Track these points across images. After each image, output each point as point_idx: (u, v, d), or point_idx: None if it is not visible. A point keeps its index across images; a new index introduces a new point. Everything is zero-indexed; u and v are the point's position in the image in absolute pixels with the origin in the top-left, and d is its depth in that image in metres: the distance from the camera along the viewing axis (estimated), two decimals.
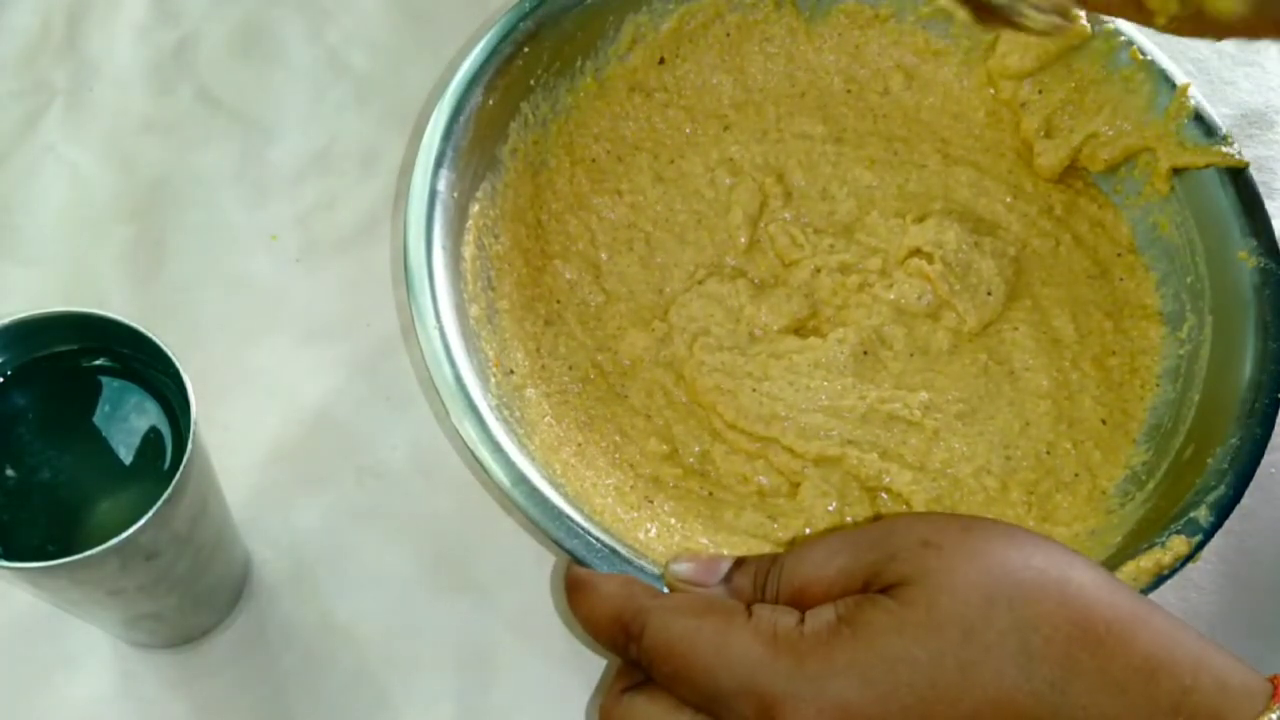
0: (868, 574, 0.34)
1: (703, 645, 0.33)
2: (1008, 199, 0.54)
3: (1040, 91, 0.55)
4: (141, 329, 0.37)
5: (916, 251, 0.51)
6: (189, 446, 0.36)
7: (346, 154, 0.58)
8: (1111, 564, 0.41)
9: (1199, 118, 0.51)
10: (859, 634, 0.32)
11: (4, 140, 0.57)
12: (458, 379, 0.44)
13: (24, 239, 0.55)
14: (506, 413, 0.45)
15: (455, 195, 0.48)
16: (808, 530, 0.46)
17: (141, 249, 0.55)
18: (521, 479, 0.42)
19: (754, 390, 0.49)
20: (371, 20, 0.61)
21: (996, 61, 0.55)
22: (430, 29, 0.61)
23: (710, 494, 0.48)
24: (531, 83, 0.53)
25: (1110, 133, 0.53)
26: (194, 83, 0.59)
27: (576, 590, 0.37)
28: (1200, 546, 0.40)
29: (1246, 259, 0.48)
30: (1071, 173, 0.55)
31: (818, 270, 0.52)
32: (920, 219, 0.52)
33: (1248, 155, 0.50)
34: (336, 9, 0.62)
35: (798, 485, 0.48)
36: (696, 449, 0.49)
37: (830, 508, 0.47)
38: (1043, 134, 0.54)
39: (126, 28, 0.60)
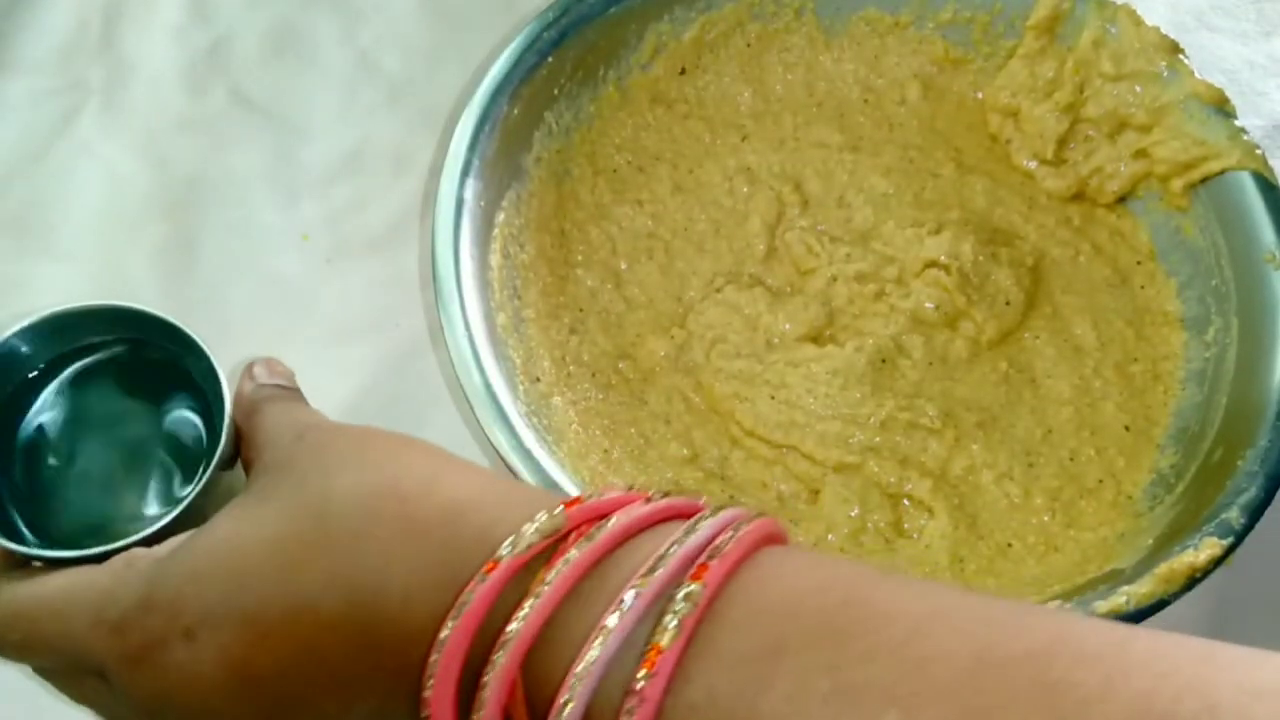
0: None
1: (49, 595, 0.32)
2: (1024, 209, 0.55)
3: (1020, 130, 0.55)
4: (176, 322, 0.37)
5: (933, 263, 0.51)
6: (222, 440, 0.36)
7: (378, 155, 0.58)
8: (1144, 566, 0.41)
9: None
10: (203, 529, 0.32)
11: (40, 138, 0.57)
12: (487, 387, 0.44)
13: (59, 236, 0.55)
14: (535, 420, 0.46)
15: (482, 204, 0.49)
16: (830, 537, 0.47)
17: (174, 247, 0.55)
18: (553, 485, 0.42)
19: (772, 398, 0.49)
20: (403, 22, 0.62)
21: (992, 94, 0.56)
22: (461, 31, 0.61)
23: (732, 497, 0.48)
24: (555, 92, 0.53)
25: (1119, 162, 0.54)
26: (228, 83, 0.59)
27: None
28: (1233, 549, 0.41)
29: (1272, 261, 0.48)
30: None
31: (834, 279, 0.52)
32: (936, 231, 0.52)
33: (1278, 167, 0.50)
34: (369, 10, 0.62)
35: (817, 492, 0.48)
36: (716, 454, 0.49)
37: (852, 514, 0.47)
38: (1036, 164, 0.55)
39: (162, 28, 0.61)
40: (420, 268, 0.55)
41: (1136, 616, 0.40)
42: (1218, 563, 0.40)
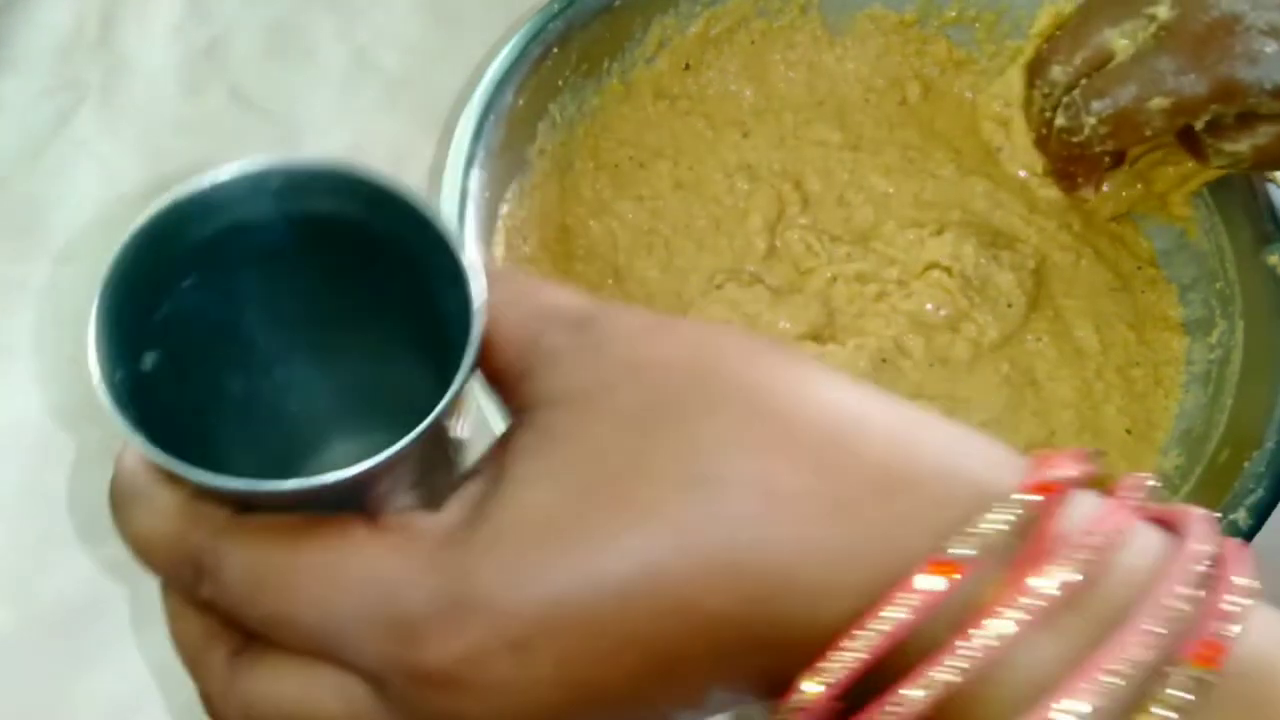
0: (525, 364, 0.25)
1: (306, 571, 0.23)
2: (1024, 213, 0.55)
3: (1011, 140, 0.55)
4: (405, 194, 0.26)
5: (935, 265, 0.51)
6: (474, 334, 0.24)
7: (376, 154, 0.58)
8: None
9: None
10: (502, 499, 0.23)
11: (37, 137, 0.57)
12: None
13: (56, 235, 0.54)
14: None
15: (487, 195, 0.48)
16: None
17: None
18: None
19: None
20: (401, 20, 0.61)
21: (986, 102, 0.56)
22: (460, 29, 0.61)
23: None
24: (559, 83, 0.52)
25: (1118, 188, 0.54)
26: (225, 81, 0.59)
27: (122, 502, 0.25)
28: None
29: (1277, 264, 0.49)
30: None
31: (834, 279, 0.52)
32: (938, 232, 0.52)
33: None
34: (367, 8, 0.62)
35: None
36: None
37: None
38: (1027, 174, 0.55)
39: (160, 26, 0.60)
40: None
41: None
42: None
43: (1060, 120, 0.49)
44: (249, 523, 0.24)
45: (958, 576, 0.22)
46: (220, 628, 0.25)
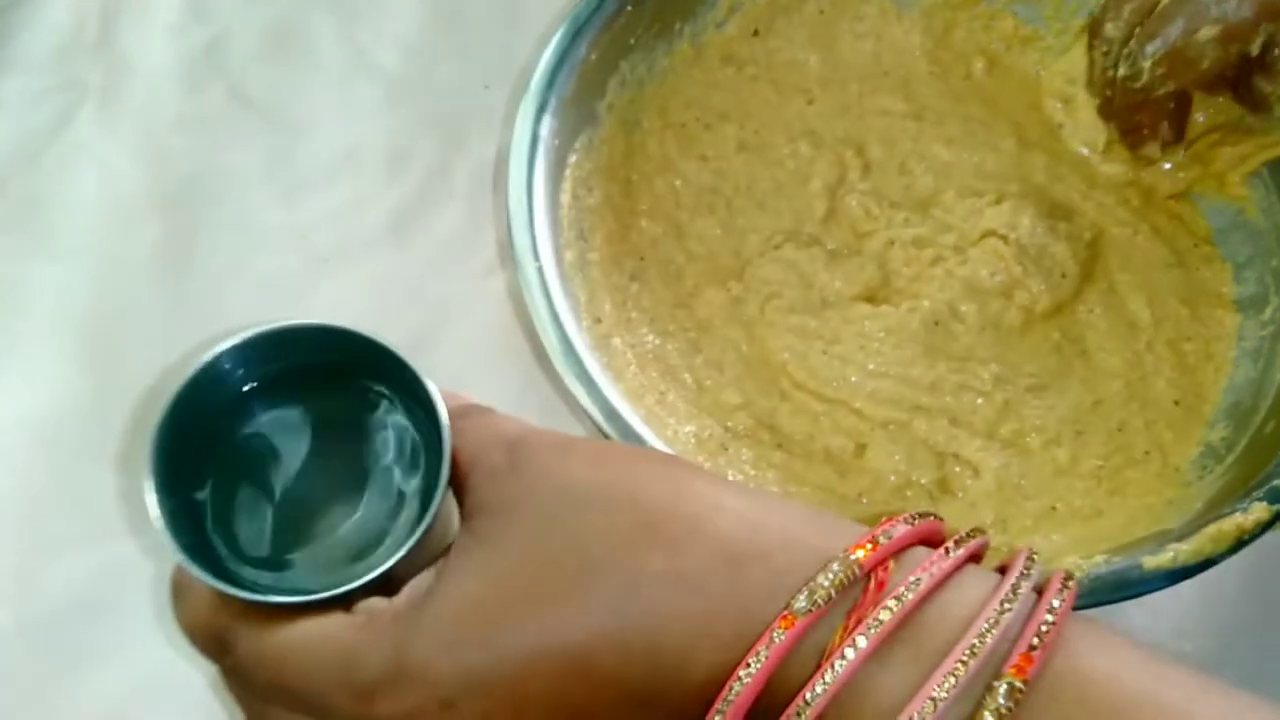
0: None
1: (295, 647, 0.31)
2: (1083, 187, 0.55)
3: (1073, 117, 0.56)
4: (383, 341, 0.34)
5: (991, 233, 0.52)
6: (444, 465, 0.33)
7: (375, 154, 0.57)
8: (1192, 527, 0.42)
9: None
10: (441, 588, 0.30)
11: (38, 137, 0.56)
12: (554, 315, 0.45)
13: (57, 235, 0.54)
14: (596, 355, 0.47)
15: (556, 143, 0.50)
16: (865, 501, 0.48)
17: (172, 246, 0.55)
18: (613, 415, 0.44)
19: (824, 353, 0.50)
20: (401, 20, 0.61)
21: (1050, 79, 0.56)
22: (460, 30, 0.61)
23: (779, 445, 0.49)
24: (632, 41, 0.54)
25: (1176, 170, 0.54)
26: (225, 81, 0.59)
27: (176, 596, 0.34)
28: None
29: None
30: None
31: (891, 243, 0.53)
32: (996, 201, 0.53)
33: None
34: (368, 9, 0.61)
35: (863, 447, 0.49)
36: (766, 405, 0.50)
37: (898, 470, 0.48)
38: (1093, 152, 0.55)
39: (159, 26, 0.60)
40: (420, 267, 0.55)
41: (1184, 573, 0.41)
42: (1265, 527, 0.41)
43: (1121, 70, 0.50)
44: (258, 611, 0.32)
45: (797, 629, 0.27)
46: None
